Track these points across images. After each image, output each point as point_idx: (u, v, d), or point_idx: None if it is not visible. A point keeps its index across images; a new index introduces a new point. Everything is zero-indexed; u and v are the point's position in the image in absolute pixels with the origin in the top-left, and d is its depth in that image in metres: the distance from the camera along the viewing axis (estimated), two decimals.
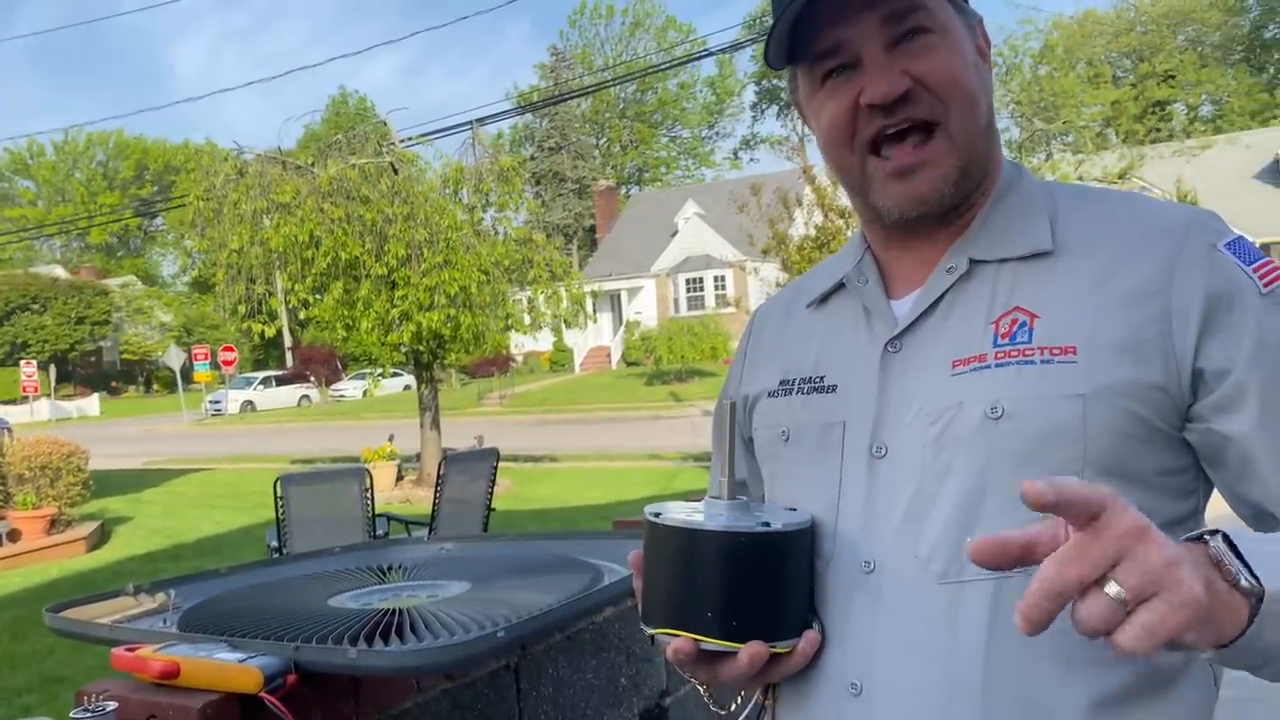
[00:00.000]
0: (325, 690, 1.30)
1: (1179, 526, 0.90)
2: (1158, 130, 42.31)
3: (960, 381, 0.93)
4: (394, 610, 1.44)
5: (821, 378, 1.06)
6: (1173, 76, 48.44)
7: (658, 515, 0.96)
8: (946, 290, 0.97)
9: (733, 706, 1.20)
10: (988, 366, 0.91)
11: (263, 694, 1.13)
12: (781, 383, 1.10)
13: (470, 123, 14.57)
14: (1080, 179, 23.79)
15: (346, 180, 11.67)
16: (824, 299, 1.11)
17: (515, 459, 15.48)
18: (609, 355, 37.59)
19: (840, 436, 1.00)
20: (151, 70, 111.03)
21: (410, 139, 13.76)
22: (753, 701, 1.08)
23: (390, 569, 1.79)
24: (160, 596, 1.59)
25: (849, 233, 9.97)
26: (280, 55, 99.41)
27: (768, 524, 0.93)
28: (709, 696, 1.14)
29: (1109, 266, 0.91)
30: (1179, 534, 0.90)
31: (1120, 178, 18.60)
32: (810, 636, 0.95)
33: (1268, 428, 0.86)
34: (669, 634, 0.94)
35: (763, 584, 0.93)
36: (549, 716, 1.74)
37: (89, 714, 1.08)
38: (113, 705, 1.10)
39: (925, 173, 0.96)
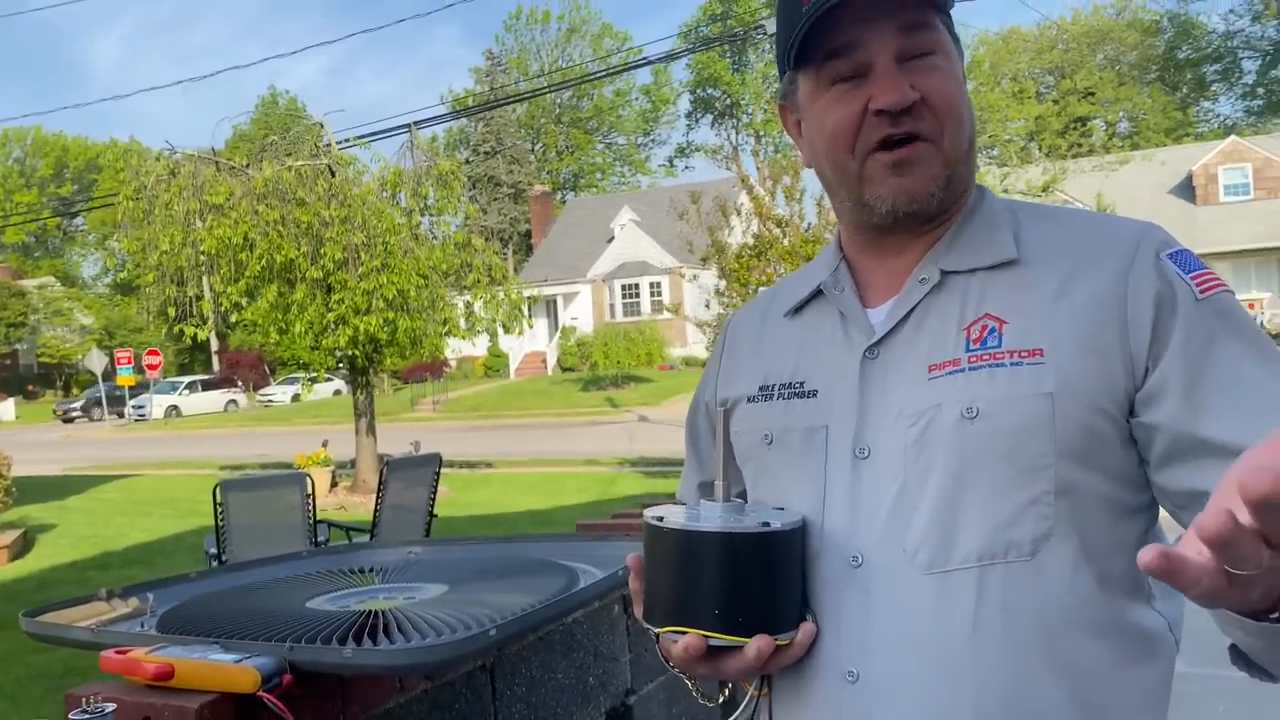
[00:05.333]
0: (314, 690, 1.32)
1: (1139, 515, 0.99)
2: (1079, 145, 43.64)
3: (937, 385, 0.99)
4: (376, 612, 1.46)
5: (802, 383, 1.11)
6: (1093, 93, 50.06)
7: (660, 519, 1.01)
8: (920, 299, 1.04)
9: (720, 699, 1.25)
10: (962, 370, 0.98)
11: (261, 693, 1.15)
12: (761, 388, 1.15)
13: (407, 126, 14.47)
14: (1005, 191, 24.44)
15: (282, 182, 11.51)
16: (800, 307, 1.16)
17: (451, 465, 15.36)
18: (545, 361, 37.48)
19: (824, 439, 1.06)
20: (71, 66, 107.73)
21: (347, 141, 13.60)
22: (748, 696, 1.13)
23: (363, 572, 1.80)
24: (134, 601, 1.58)
25: (785, 241, 10.12)
26: (202, 53, 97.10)
27: (767, 524, 0.98)
28: (697, 690, 1.19)
29: (1070, 275, 0.98)
30: (1139, 521, 0.99)
31: (1043, 191, 19.19)
32: (807, 628, 1.01)
33: (1185, 417, 0.93)
34: (676, 632, 0.99)
35: (764, 580, 0.98)
36: (522, 715, 1.78)
37: (88, 715, 1.09)
38: (111, 707, 1.11)
39: (919, 170, 1.02)
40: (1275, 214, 31.34)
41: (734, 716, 1.14)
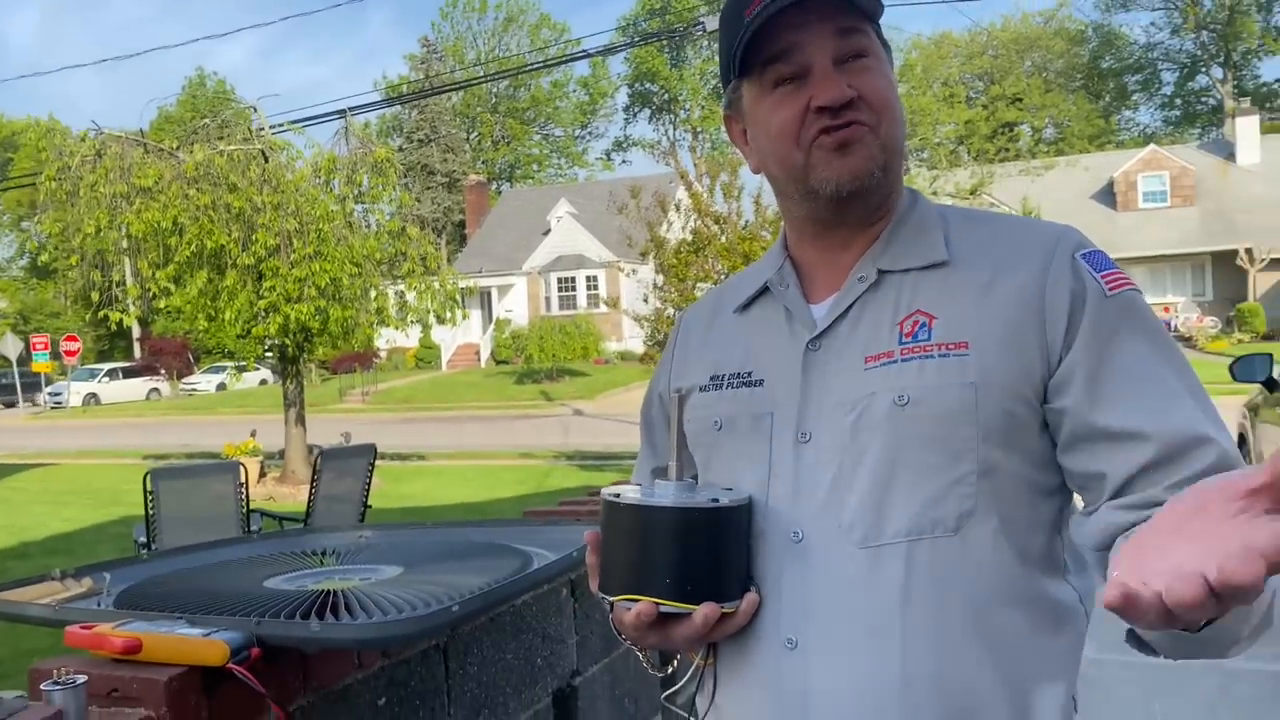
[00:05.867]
0: (276, 666, 1.35)
1: (1055, 495, 1.09)
2: (1006, 150, 44.65)
3: (872, 375, 1.07)
4: (335, 591, 1.49)
5: (750, 373, 1.19)
6: (1020, 100, 51.32)
7: (617, 496, 1.08)
8: (859, 296, 1.12)
9: (670, 669, 1.32)
10: (895, 362, 1.07)
11: (231, 665, 1.18)
12: (712, 378, 1.23)
13: (341, 112, 14.26)
14: (935, 194, 24.95)
15: (214, 166, 11.27)
16: (748, 304, 1.24)
17: (383, 457, 15.14)
18: (478, 353, 37.21)
19: (769, 425, 1.14)
20: None
21: (281, 125, 13.37)
22: (693, 665, 1.20)
23: (316, 555, 1.83)
24: (88, 581, 1.59)
25: (723, 238, 10.24)
26: (122, 31, 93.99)
27: (716, 500, 1.06)
28: (647, 660, 1.27)
29: (994, 275, 1.07)
30: (1055, 501, 1.09)
31: (971, 194, 19.65)
32: (750, 598, 1.09)
33: (1086, 404, 1.03)
34: (630, 599, 1.06)
35: (712, 552, 1.06)
36: (473, 694, 1.82)
37: (59, 687, 1.11)
38: (83, 678, 1.13)
39: (860, 150, 1.09)
40: (1190, 221, 32.50)
41: (678, 686, 1.21)
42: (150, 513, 5.71)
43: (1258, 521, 0.70)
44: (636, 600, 1.04)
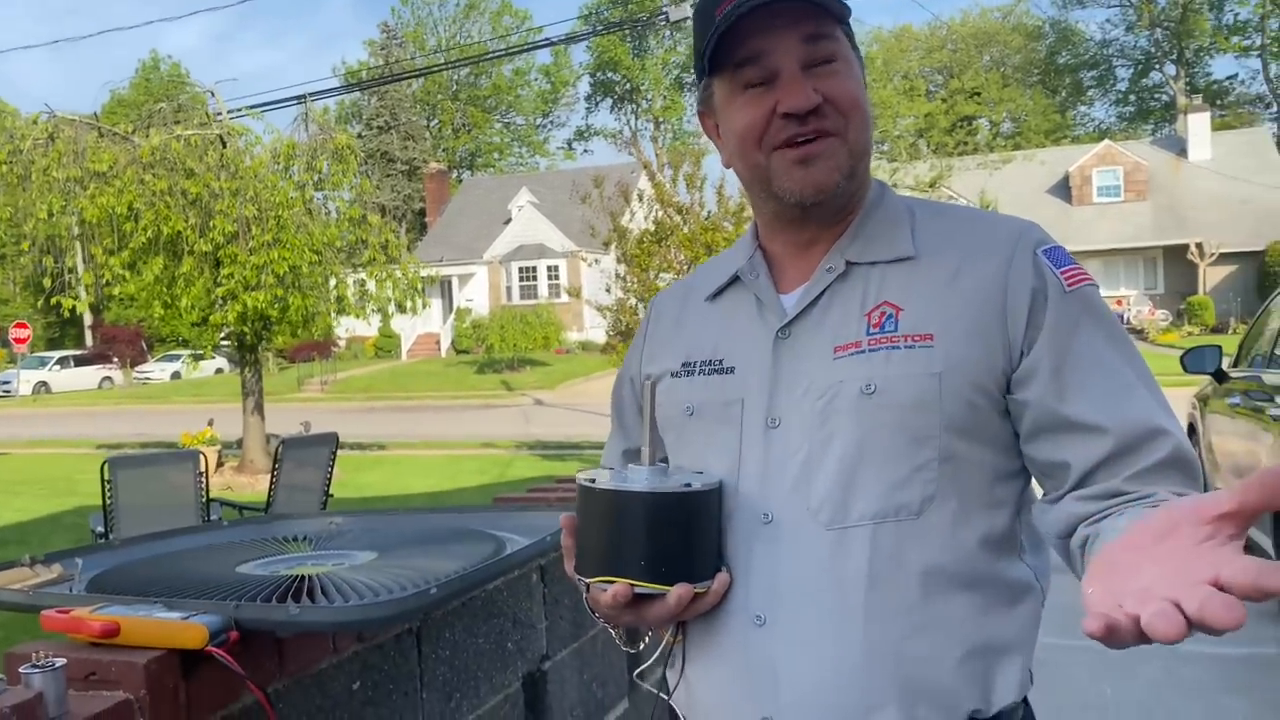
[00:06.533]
0: (252, 650, 1.36)
1: (1014, 479, 1.14)
2: (965, 143, 45.19)
3: (840, 364, 1.11)
4: (310, 576, 1.50)
5: (721, 360, 1.22)
6: (979, 94, 51.87)
7: (592, 481, 1.11)
8: (827, 286, 1.15)
9: (641, 646, 1.35)
10: (862, 351, 1.10)
11: (211, 648, 1.19)
12: (684, 365, 1.25)
13: (300, 97, 14.10)
14: (895, 186, 25.20)
15: (170, 151, 11.10)
16: (719, 292, 1.27)
17: (343, 446, 15.01)
18: (438, 342, 36.99)
19: (740, 411, 1.17)
20: None
21: (239, 110, 13.18)
22: (663, 642, 1.23)
23: (288, 541, 1.83)
24: (58, 567, 1.58)
25: (685, 228, 10.27)
26: (70, 13, 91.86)
27: (688, 485, 1.09)
28: (620, 638, 1.30)
29: (958, 268, 1.11)
30: (1014, 484, 1.14)
31: (930, 186, 19.86)
32: (722, 577, 1.12)
33: (1050, 396, 1.07)
34: (605, 581, 1.09)
35: (684, 535, 1.09)
36: (445, 677, 1.84)
37: (39, 670, 1.11)
38: (62, 661, 1.13)
39: (823, 163, 1.12)
40: (1142, 215, 33.11)
41: (649, 664, 1.25)
42: (108, 502, 5.64)
43: (1225, 551, 0.73)
44: (612, 582, 1.08)
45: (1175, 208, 32.91)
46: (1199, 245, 30.87)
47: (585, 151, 62.65)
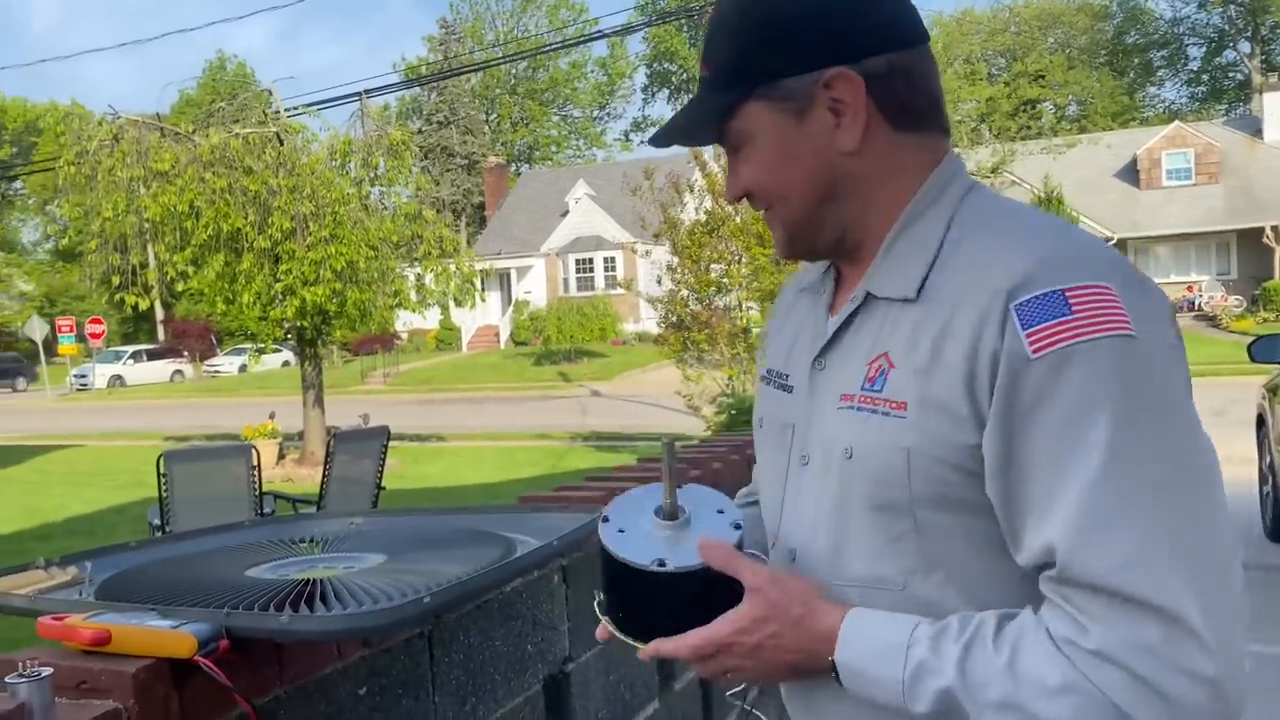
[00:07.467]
0: (250, 657, 1.35)
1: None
2: (1028, 128, 44.17)
3: (839, 417, 1.04)
4: (314, 580, 1.49)
5: (786, 376, 1.17)
6: (1043, 76, 50.73)
7: (606, 520, 1.10)
8: (849, 317, 1.07)
9: None
10: (854, 408, 1.02)
11: (197, 658, 1.18)
12: (769, 371, 1.22)
13: (359, 94, 14.28)
14: None
15: (229, 150, 11.31)
16: (806, 290, 1.21)
17: (402, 438, 15.31)
18: (497, 335, 37.32)
19: (790, 436, 1.13)
20: (6, 24, 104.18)
21: (296, 109, 13.39)
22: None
23: (305, 542, 1.83)
24: (72, 569, 1.59)
25: (738, 219, 10.18)
26: (145, 14, 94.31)
27: (662, 562, 1.03)
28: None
29: (948, 321, 0.95)
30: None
31: (993, 172, 19.43)
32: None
33: (1000, 499, 0.92)
34: (600, 616, 1.12)
35: (649, 604, 1.07)
36: (459, 681, 1.82)
37: (24, 679, 1.11)
38: (48, 670, 1.12)
39: (774, 235, 1.14)
40: (1215, 199, 32.09)
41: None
42: (164, 495, 5.76)
43: None
44: (601, 621, 1.12)
45: (1250, 190, 31.81)
46: (1275, 229, 29.82)
47: (642, 142, 62.50)
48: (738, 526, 1.07)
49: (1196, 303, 30.31)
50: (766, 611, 0.99)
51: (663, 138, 1.16)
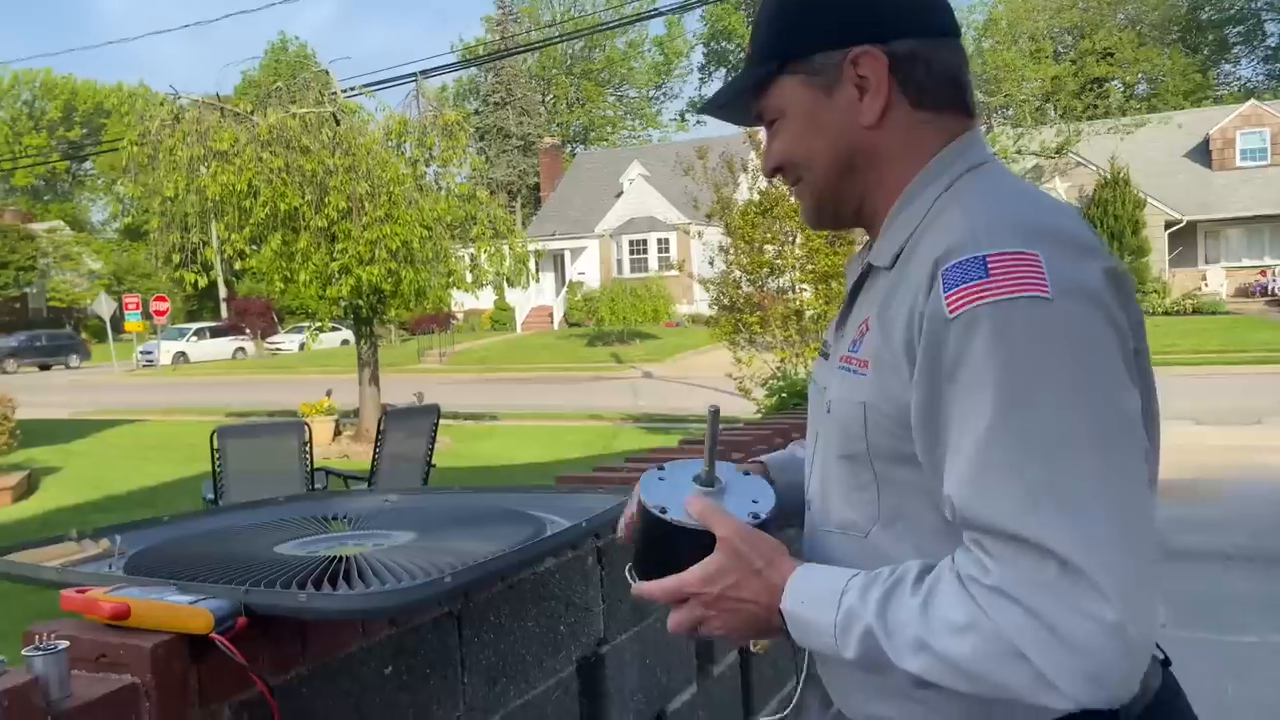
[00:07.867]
0: (273, 634, 1.34)
1: None
2: (1095, 107, 43.07)
3: (835, 376, 1.15)
4: (341, 558, 1.47)
5: (827, 343, 1.27)
6: (1111, 54, 49.29)
7: (661, 468, 1.21)
8: (857, 284, 1.18)
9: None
10: (841, 368, 1.13)
11: (213, 634, 1.17)
12: (825, 341, 1.30)
13: (415, 75, 14.34)
14: (1019, 152, 24.18)
15: (287, 130, 11.44)
16: (853, 261, 1.26)
17: (455, 416, 15.44)
18: (551, 315, 37.47)
19: (822, 397, 1.21)
20: (79, 7, 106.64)
21: (353, 89, 13.50)
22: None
23: (335, 519, 1.82)
24: (104, 542, 1.60)
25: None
26: None
27: (664, 510, 1.13)
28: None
29: (904, 288, 1.02)
30: None
31: (1058, 152, 18.96)
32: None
33: (924, 456, 0.98)
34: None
35: (659, 553, 1.15)
36: (489, 662, 1.80)
37: (41, 652, 1.10)
38: (64, 644, 1.12)
39: (801, 205, 1.22)
40: None
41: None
42: (217, 470, 5.86)
43: None
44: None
45: None
46: None
47: (698, 123, 62.19)
48: (756, 517, 1.12)
49: (1269, 287, 29.38)
50: (731, 563, 1.05)
51: (707, 109, 1.28)
